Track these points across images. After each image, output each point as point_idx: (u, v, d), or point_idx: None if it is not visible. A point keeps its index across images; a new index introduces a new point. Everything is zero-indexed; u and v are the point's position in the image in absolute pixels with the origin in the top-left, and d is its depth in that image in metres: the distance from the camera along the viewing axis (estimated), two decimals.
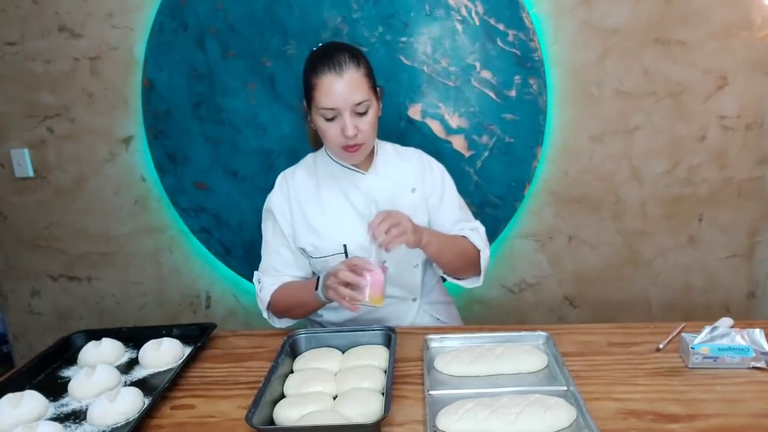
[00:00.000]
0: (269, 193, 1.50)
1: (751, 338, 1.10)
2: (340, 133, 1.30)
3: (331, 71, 1.27)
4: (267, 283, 1.43)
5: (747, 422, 0.94)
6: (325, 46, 1.35)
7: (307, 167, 1.49)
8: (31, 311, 2.36)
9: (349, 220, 1.41)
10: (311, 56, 1.34)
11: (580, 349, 1.21)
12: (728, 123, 1.97)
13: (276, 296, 1.40)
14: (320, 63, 1.29)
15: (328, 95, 1.27)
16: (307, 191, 1.45)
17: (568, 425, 0.93)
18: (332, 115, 1.29)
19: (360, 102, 1.28)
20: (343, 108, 1.28)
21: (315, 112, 1.32)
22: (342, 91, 1.27)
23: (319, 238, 1.41)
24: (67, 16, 2.04)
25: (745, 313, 2.12)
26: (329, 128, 1.31)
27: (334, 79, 1.27)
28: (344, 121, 1.28)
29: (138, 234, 2.23)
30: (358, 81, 1.29)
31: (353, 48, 1.35)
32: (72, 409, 1.09)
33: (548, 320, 2.19)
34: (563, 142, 2.02)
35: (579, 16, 1.92)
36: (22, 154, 2.17)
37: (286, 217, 1.45)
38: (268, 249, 1.47)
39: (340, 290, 1.19)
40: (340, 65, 1.27)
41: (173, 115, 2.07)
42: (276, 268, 1.45)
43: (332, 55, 1.29)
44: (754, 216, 2.05)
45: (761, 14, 1.88)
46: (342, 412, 0.98)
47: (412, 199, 1.45)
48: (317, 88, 1.28)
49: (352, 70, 1.28)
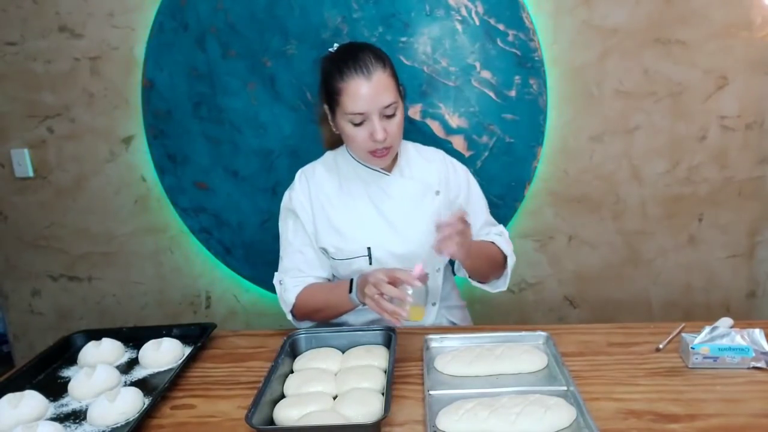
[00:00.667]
0: (288, 190, 1.45)
1: (751, 338, 1.10)
2: (368, 138, 1.26)
3: (358, 74, 1.22)
4: (290, 284, 1.39)
5: (747, 422, 0.94)
6: (348, 47, 1.29)
7: (328, 166, 1.44)
8: (31, 311, 2.36)
9: (373, 222, 1.38)
10: (333, 58, 1.29)
11: (580, 349, 1.21)
12: (728, 123, 1.97)
13: (302, 298, 1.37)
14: (346, 66, 1.24)
15: (356, 100, 1.23)
16: (329, 190, 1.41)
17: (568, 425, 0.93)
18: (361, 119, 1.25)
19: (389, 104, 1.24)
20: (372, 112, 1.23)
21: (341, 118, 1.27)
22: (371, 95, 1.22)
23: (342, 240, 1.37)
24: (68, 16, 2.04)
25: (745, 313, 2.12)
26: (357, 133, 1.27)
27: (362, 82, 1.22)
28: (373, 125, 1.24)
29: (138, 234, 2.23)
30: (386, 82, 1.24)
31: (376, 48, 1.30)
32: (72, 409, 1.09)
33: (548, 320, 2.19)
34: (563, 142, 2.02)
35: (579, 16, 1.92)
36: (22, 154, 2.17)
37: (308, 215, 1.40)
38: (289, 249, 1.43)
39: (382, 304, 1.15)
40: (368, 67, 1.23)
41: (173, 115, 2.07)
42: (300, 269, 1.40)
43: (357, 57, 1.24)
44: (754, 216, 2.05)
45: (761, 14, 1.88)
46: (342, 412, 0.98)
47: (436, 202, 1.41)
48: (344, 93, 1.24)
49: (379, 72, 1.24)
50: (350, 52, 1.27)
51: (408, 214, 1.39)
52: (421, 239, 1.37)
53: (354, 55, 1.25)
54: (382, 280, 1.16)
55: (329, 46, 1.41)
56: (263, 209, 2.12)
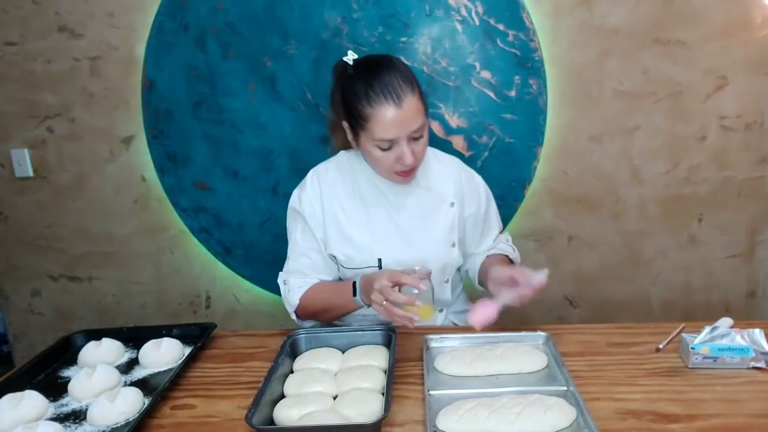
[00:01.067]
0: (297, 189, 1.41)
1: (751, 338, 1.10)
2: (395, 161, 1.22)
3: (388, 102, 1.16)
4: (295, 285, 1.38)
5: (747, 422, 0.94)
6: (373, 67, 1.21)
7: (341, 169, 1.39)
8: (31, 311, 2.36)
9: (386, 233, 1.35)
10: (357, 79, 1.21)
11: (580, 349, 1.21)
12: (728, 123, 1.97)
13: (306, 300, 1.36)
14: (373, 91, 1.18)
15: (386, 128, 1.18)
16: (341, 195, 1.37)
17: (568, 425, 0.93)
18: (389, 145, 1.21)
19: (418, 128, 1.20)
20: (402, 137, 1.19)
21: (367, 141, 1.23)
22: (401, 121, 1.17)
23: (353, 249, 1.35)
24: (68, 16, 2.04)
25: (745, 313, 2.12)
26: (385, 157, 1.23)
27: (393, 110, 1.16)
28: (402, 149, 1.20)
29: (138, 234, 2.23)
30: (416, 106, 1.19)
31: (403, 66, 1.23)
32: (72, 409, 1.09)
33: (548, 320, 2.19)
34: (563, 142, 2.02)
35: (579, 16, 1.92)
36: (22, 154, 2.17)
37: (318, 220, 1.36)
38: (297, 251, 1.40)
39: (393, 311, 1.14)
40: (398, 94, 1.17)
41: (173, 115, 2.07)
42: (304, 273, 1.39)
43: (386, 82, 1.17)
44: (754, 216, 2.05)
45: (761, 14, 1.88)
46: (342, 412, 0.98)
47: (450, 214, 1.38)
48: (372, 120, 1.18)
49: (409, 96, 1.18)
50: (377, 74, 1.19)
51: (421, 225, 1.36)
52: (432, 251, 1.35)
53: (381, 78, 1.18)
54: (388, 286, 1.15)
55: (329, 46, 1.40)
56: (263, 209, 2.12)
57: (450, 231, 1.37)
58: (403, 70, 1.22)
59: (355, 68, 1.24)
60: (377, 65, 1.22)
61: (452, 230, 1.38)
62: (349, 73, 1.24)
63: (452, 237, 1.38)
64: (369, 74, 1.20)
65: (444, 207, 1.38)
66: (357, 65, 1.25)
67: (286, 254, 1.44)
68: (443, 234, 1.37)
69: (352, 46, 1.94)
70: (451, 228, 1.37)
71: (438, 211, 1.38)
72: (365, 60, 1.26)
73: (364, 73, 1.21)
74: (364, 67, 1.23)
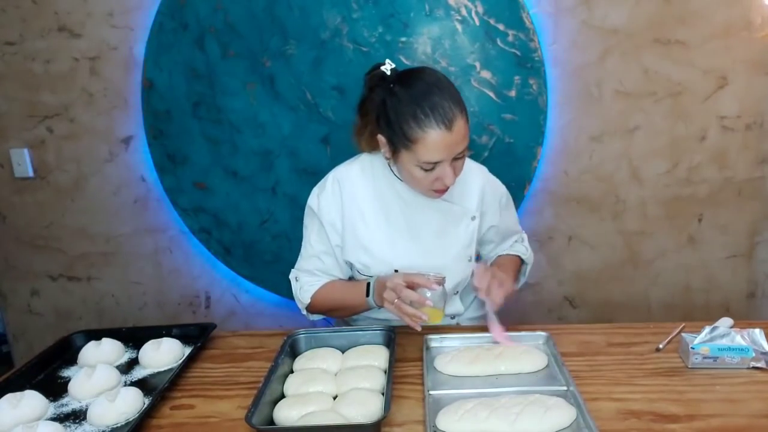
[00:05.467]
0: (317, 189, 1.37)
1: (751, 338, 1.10)
2: (434, 180, 1.19)
3: (440, 126, 1.11)
4: (306, 282, 1.37)
5: (747, 422, 0.94)
6: (424, 88, 1.14)
7: (364, 172, 1.34)
8: (30, 311, 2.36)
9: (404, 244, 1.32)
10: (406, 98, 1.14)
11: (580, 349, 1.21)
12: (728, 123, 1.97)
13: (318, 298, 1.36)
14: (424, 114, 1.12)
15: (435, 151, 1.13)
16: (362, 200, 1.33)
17: (568, 425, 0.93)
18: (433, 166, 1.16)
19: (463, 149, 1.17)
20: (448, 159, 1.15)
21: (409, 160, 1.17)
22: (450, 145, 1.13)
23: (370, 258, 1.32)
24: (67, 15, 2.04)
25: (745, 313, 2.12)
26: (425, 177, 1.18)
27: (444, 135, 1.12)
28: (444, 170, 1.16)
29: (138, 234, 2.23)
30: (464, 129, 1.15)
31: (449, 84, 1.17)
32: (72, 409, 1.09)
33: (548, 320, 2.19)
34: (563, 142, 2.02)
35: (579, 16, 1.92)
36: (21, 154, 2.17)
37: (336, 227, 1.34)
38: (310, 251, 1.38)
39: (403, 308, 1.15)
40: (449, 119, 1.11)
41: (173, 115, 2.07)
42: (314, 274, 1.38)
43: (437, 104, 1.12)
44: (754, 216, 2.05)
45: (761, 14, 1.88)
46: (342, 412, 0.98)
47: (471, 228, 1.35)
48: (421, 143, 1.13)
49: (459, 119, 1.13)
50: (426, 94, 1.13)
51: (441, 239, 1.34)
52: (450, 264, 1.34)
53: (431, 99, 1.12)
54: (401, 285, 1.16)
55: (329, 46, 1.38)
56: (263, 209, 2.12)
57: (468, 245, 1.35)
58: (451, 89, 1.16)
59: (400, 83, 1.17)
60: (425, 83, 1.15)
61: (470, 244, 1.36)
62: (391, 87, 1.17)
63: (470, 251, 1.36)
64: (417, 93, 1.14)
65: (465, 221, 1.35)
66: (401, 80, 1.18)
67: (289, 252, 1.45)
68: (461, 248, 1.35)
69: (351, 46, 1.94)
70: (469, 242, 1.35)
71: (459, 225, 1.35)
72: (410, 74, 1.18)
73: (412, 90, 1.15)
74: (410, 84, 1.16)
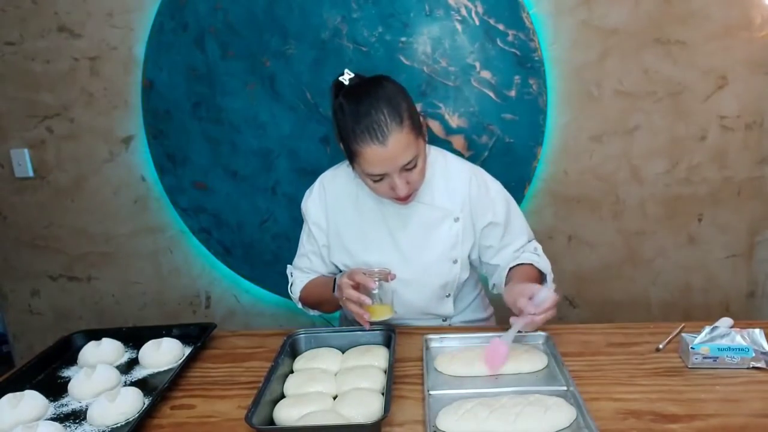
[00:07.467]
0: (307, 192, 1.43)
1: (751, 338, 1.10)
2: (389, 190, 1.20)
3: (373, 141, 1.12)
4: (297, 278, 1.46)
5: (747, 422, 0.94)
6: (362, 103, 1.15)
7: (348, 176, 1.36)
8: (30, 311, 2.36)
9: (384, 248, 1.34)
10: (345, 109, 1.16)
11: (580, 349, 1.21)
12: (728, 123, 1.97)
13: (304, 292, 1.44)
14: (359, 127, 1.13)
15: (373, 165, 1.15)
16: (345, 207, 1.37)
17: (568, 425, 0.93)
18: (380, 177, 1.19)
19: (409, 162, 1.17)
20: (392, 172, 1.16)
21: (360, 172, 1.21)
22: (388, 158, 1.14)
23: (351, 260, 1.36)
24: (67, 15, 2.04)
25: (745, 313, 2.12)
26: (378, 186, 1.21)
27: (378, 149, 1.12)
28: (394, 182, 1.17)
29: (138, 234, 2.23)
30: (404, 141, 1.14)
31: (393, 94, 1.16)
32: (72, 409, 1.09)
33: (548, 320, 2.18)
34: (563, 142, 2.02)
35: (579, 16, 1.92)
36: (21, 154, 2.17)
37: (322, 228, 1.40)
38: (300, 250, 1.46)
39: (349, 307, 1.19)
40: (383, 132, 1.12)
41: (173, 115, 2.07)
42: (305, 271, 1.46)
43: (372, 119, 1.12)
44: (754, 216, 2.05)
45: (761, 14, 1.88)
46: (342, 412, 0.98)
47: (454, 229, 1.34)
48: (361, 156, 1.15)
49: (395, 132, 1.13)
50: (363, 110, 1.14)
51: (421, 242, 1.35)
52: (431, 268, 1.34)
53: (367, 115, 1.13)
54: (347, 283, 1.19)
55: (329, 46, 1.38)
56: (262, 209, 2.12)
57: (452, 247, 1.34)
58: (392, 101, 1.15)
59: (346, 96, 1.18)
60: (365, 97, 1.16)
61: (454, 246, 1.35)
62: (340, 101, 1.19)
63: (454, 253, 1.35)
64: (356, 108, 1.15)
65: (447, 222, 1.34)
66: (347, 94, 1.19)
67: (289, 251, 1.51)
68: (443, 251, 1.35)
69: (351, 46, 1.94)
70: (453, 244, 1.34)
71: (440, 228, 1.34)
72: (355, 89, 1.19)
73: (352, 105, 1.16)
74: (352, 98, 1.17)
